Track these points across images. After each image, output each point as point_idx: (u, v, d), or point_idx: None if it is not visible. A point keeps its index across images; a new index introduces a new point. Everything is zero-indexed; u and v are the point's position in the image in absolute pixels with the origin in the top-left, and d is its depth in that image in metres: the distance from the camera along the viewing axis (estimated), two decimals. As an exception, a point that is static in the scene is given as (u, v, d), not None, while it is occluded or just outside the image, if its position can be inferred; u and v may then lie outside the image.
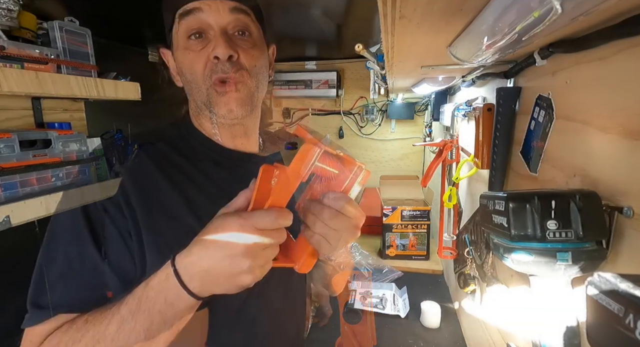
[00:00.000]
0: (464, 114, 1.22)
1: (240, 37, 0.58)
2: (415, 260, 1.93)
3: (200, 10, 0.55)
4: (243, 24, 0.58)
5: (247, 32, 0.59)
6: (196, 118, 0.65)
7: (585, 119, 0.53)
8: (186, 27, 0.56)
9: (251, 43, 0.59)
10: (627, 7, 0.40)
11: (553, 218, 0.45)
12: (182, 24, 0.57)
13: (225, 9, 0.56)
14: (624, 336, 0.25)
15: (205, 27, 0.56)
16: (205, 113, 0.60)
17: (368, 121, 2.50)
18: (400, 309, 1.49)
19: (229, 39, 0.56)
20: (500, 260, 0.52)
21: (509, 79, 0.83)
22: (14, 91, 0.98)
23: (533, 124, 0.71)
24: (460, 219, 1.33)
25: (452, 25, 0.52)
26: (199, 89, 0.58)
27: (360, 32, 1.59)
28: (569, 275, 0.48)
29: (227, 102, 0.57)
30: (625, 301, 0.26)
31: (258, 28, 0.61)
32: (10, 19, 1.05)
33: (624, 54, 0.45)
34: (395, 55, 0.76)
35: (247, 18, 0.58)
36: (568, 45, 0.54)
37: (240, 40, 0.58)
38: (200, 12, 0.55)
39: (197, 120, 0.65)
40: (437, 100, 1.73)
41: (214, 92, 0.57)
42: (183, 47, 0.57)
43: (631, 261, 0.43)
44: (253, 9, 0.60)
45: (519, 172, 0.79)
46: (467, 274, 1.18)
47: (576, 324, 0.51)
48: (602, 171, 0.49)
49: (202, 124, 0.64)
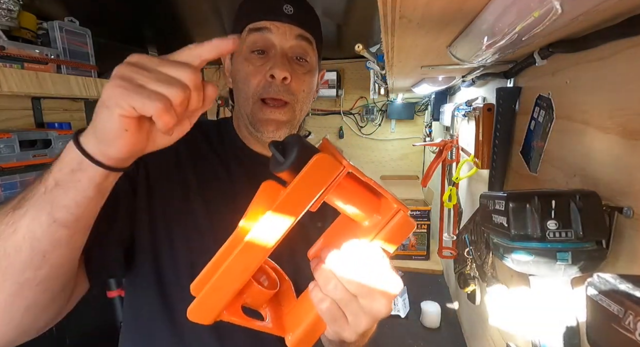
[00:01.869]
0: (464, 114, 1.22)
1: (297, 61, 0.61)
2: (415, 260, 1.93)
3: (269, 31, 0.58)
4: (303, 50, 0.61)
5: (305, 59, 0.62)
6: (236, 120, 0.68)
7: (585, 119, 0.53)
8: (252, 42, 0.59)
9: (306, 69, 0.62)
10: (627, 7, 0.40)
11: (553, 218, 0.45)
12: (250, 37, 0.59)
13: (292, 34, 0.59)
14: (623, 336, 0.25)
15: (269, 46, 0.59)
16: (246, 123, 0.62)
17: (368, 121, 2.50)
18: (400, 309, 1.49)
19: (287, 61, 0.59)
20: (500, 260, 0.52)
21: (509, 79, 0.83)
22: (14, 91, 0.98)
23: (533, 124, 0.71)
24: (460, 219, 1.33)
25: (452, 25, 0.52)
26: (247, 100, 0.60)
27: (360, 32, 1.59)
28: (568, 275, 0.48)
29: (269, 122, 0.59)
30: (625, 301, 0.26)
31: (315, 55, 0.64)
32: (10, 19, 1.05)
33: (624, 54, 0.45)
34: (395, 55, 0.76)
35: (308, 46, 0.61)
36: (568, 45, 0.54)
37: (297, 64, 0.61)
38: (269, 32, 0.58)
39: (236, 122, 0.68)
40: (437, 100, 1.73)
41: (259, 109, 0.59)
42: (244, 58, 0.60)
43: (631, 261, 0.43)
44: (316, 38, 0.63)
45: (519, 172, 0.79)
46: (467, 274, 1.18)
47: (576, 324, 0.51)
48: (602, 171, 0.49)
49: (239, 126, 0.67)
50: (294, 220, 0.31)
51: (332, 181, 0.31)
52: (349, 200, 0.34)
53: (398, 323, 1.43)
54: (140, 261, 0.56)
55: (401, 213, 0.33)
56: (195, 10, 1.31)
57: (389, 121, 2.47)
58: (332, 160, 0.30)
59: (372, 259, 0.33)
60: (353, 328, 0.35)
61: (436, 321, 1.41)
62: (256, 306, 0.37)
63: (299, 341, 0.35)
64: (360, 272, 0.33)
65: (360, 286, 0.33)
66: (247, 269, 0.32)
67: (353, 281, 0.32)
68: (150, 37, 1.78)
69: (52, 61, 1.15)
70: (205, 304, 0.32)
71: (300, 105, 0.62)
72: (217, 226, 0.45)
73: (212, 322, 0.33)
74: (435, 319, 1.41)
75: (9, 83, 0.96)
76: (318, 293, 0.34)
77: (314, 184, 0.30)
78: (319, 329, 0.35)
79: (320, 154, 0.30)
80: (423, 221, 1.89)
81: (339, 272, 0.33)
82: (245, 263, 0.31)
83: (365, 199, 0.34)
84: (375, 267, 0.33)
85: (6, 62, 1.02)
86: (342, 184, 0.32)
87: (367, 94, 2.42)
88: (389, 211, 0.33)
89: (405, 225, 0.33)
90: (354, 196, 0.33)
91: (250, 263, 0.32)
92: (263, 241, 0.31)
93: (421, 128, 2.41)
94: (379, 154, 2.55)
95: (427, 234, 1.92)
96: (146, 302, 0.57)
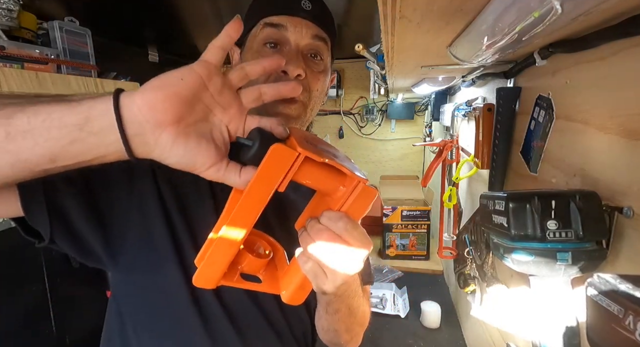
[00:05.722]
0: (464, 114, 1.22)
1: (312, 59, 0.60)
2: (415, 260, 1.93)
3: (284, 28, 0.57)
4: (318, 49, 0.60)
5: (320, 57, 0.60)
6: None
7: (585, 119, 0.53)
8: (266, 36, 0.58)
9: (320, 67, 0.61)
10: (627, 7, 0.40)
11: (553, 218, 0.45)
12: (264, 32, 0.58)
13: (309, 33, 0.58)
14: (623, 336, 0.25)
15: (283, 41, 0.58)
16: None
17: (368, 121, 2.50)
18: (400, 309, 1.49)
19: (302, 59, 0.57)
20: (500, 260, 0.52)
21: (509, 79, 0.83)
22: (14, 91, 0.98)
23: (533, 124, 0.71)
24: (460, 219, 1.33)
25: (452, 25, 0.52)
26: None
27: (360, 32, 1.59)
28: (568, 275, 0.48)
29: (279, 115, 0.57)
30: (625, 302, 0.26)
31: (329, 56, 0.63)
32: (10, 19, 1.05)
33: (624, 54, 0.45)
34: (395, 55, 0.76)
35: (324, 45, 0.60)
36: (568, 45, 0.54)
37: (311, 62, 0.59)
38: (284, 29, 0.57)
39: None
40: (437, 100, 1.73)
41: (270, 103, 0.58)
42: (256, 51, 0.59)
43: (631, 261, 0.43)
44: (331, 39, 0.62)
45: (519, 172, 0.79)
46: (467, 274, 1.18)
47: (576, 324, 0.51)
48: (602, 171, 0.49)
49: None
50: (266, 200, 0.38)
51: (291, 166, 0.37)
52: (314, 179, 0.40)
53: (398, 323, 1.43)
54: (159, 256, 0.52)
55: (361, 184, 0.39)
56: (196, 11, 1.31)
57: (389, 121, 2.47)
58: (286, 149, 0.36)
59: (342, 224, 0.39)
60: (331, 282, 0.41)
61: (436, 321, 1.41)
62: (253, 272, 0.45)
63: (291, 296, 0.43)
64: (333, 236, 0.39)
65: (333, 246, 0.39)
66: (233, 244, 0.39)
67: (327, 243, 0.39)
68: (151, 37, 1.78)
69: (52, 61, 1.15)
70: (205, 272, 0.40)
71: (312, 103, 0.61)
72: None
73: (215, 286, 0.41)
74: (435, 319, 1.41)
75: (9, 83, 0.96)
76: (302, 256, 0.41)
77: (275, 170, 0.37)
78: (306, 286, 0.43)
79: (276, 144, 0.36)
80: (423, 221, 1.89)
81: (316, 237, 0.39)
82: (231, 239, 0.39)
83: (329, 176, 0.40)
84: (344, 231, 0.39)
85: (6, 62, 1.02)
86: (304, 166, 0.38)
87: (367, 94, 2.42)
88: (350, 183, 0.40)
89: (366, 193, 0.40)
90: (317, 175, 0.39)
91: (234, 239, 0.39)
92: (242, 220, 0.38)
93: (421, 128, 2.41)
94: (379, 154, 2.55)
95: (427, 234, 1.92)
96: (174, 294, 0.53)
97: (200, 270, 0.40)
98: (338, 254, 0.40)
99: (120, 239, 0.52)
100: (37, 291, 1.28)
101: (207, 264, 0.40)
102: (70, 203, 0.48)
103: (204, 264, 0.40)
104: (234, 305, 0.55)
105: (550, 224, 0.45)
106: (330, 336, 0.64)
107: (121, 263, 0.53)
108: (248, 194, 0.37)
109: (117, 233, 0.51)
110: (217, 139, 0.38)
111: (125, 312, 0.56)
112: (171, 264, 0.52)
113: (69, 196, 0.48)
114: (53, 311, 1.31)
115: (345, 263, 0.40)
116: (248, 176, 0.37)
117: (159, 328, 0.54)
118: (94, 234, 0.50)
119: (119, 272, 0.55)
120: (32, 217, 0.46)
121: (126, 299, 0.57)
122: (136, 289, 0.55)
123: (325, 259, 0.40)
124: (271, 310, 0.58)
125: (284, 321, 0.59)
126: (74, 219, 0.48)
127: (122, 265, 0.53)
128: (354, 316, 0.62)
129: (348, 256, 0.40)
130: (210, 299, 0.53)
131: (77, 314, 1.40)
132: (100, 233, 0.50)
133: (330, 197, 0.42)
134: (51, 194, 0.46)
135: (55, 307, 1.32)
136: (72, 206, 0.48)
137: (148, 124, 0.33)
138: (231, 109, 0.38)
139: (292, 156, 0.36)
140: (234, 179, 0.38)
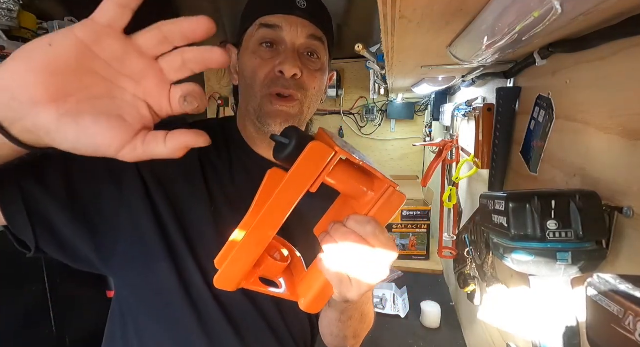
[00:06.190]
0: (464, 114, 1.22)
1: (308, 58, 0.60)
2: (415, 260, 1.93)
3: (280, 28, 0.57)
4: (315, 48, 0.60)
5: (316, 55, 0.60)
6: (242, 119, 0.65)
7: (585, 119, 0.53)
8: (262, 36, 0.58)
9: (317, 66, 0.61)
10: (627, 7, 0.40)
11: (553, 218, 0.45)
12: (260, 32, 0.58)
13: (304, 33, 0.58)
14: (623, 336, 0.25)
15: (279, 41, 0.58)
16: (252, 118, 0.60)
17: (368, 121, 2.50)
18: (400, 309, 1.49)
19: (298, 57, 0.57)
20: (500, 260, 0.52)
21: (509, 79, 0.83)
22: (14, 91, 0.98)
23: (533, 124, 0.71)
24: (460, 219, 1.33)
25: (452, 25, 0.52)
26: (254, 94, 0.58)
27: (360, 32, 1.59)
28: (568, 275, 0.48)
29: (278, 113, 0.58)
30: (625, 302, 0.26)
31: (326, 54, 0.63)
32: (10, 19, 1.05)
33: (624, 54, 0.45)
34: (395, 55, 0.76)
35: (320, 45, 0.60)
36: (568, 45, 0.54)
37: (308, 60, 0.59)
38: (280, 30, 0.57)
39: (242, 122, 0.65)
40: (437, 100, 1.73)
41: (268, 102, 0.58)
42: (252, 51, 0.59)
43: (631, 261, 0.43)
44: (328, 37, 0.62)
45: (519, 172, 0.79)
46: (467, 274, 1.18)
47: (576, 324, 0.51)
48: (602, 171, 0.49)
49: (246, 127, 0.64)
50: (296, 201, 0.36)
51: (326, 165, 0.35)
52: (345, 181, 0.38)
53: (398, 323, 1.43)
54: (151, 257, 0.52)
55: (391, 189, 0.39)
56: (196, 11, 1.31)
57: (389, 121, 2.47)
58: (324, 147, 0.35)
59: (370, 228, 0.38)
60: (356, 290, 0.40)
61: (436, 321, 1.41)
62: (272, 276, 0.44)
63: (310, 303, 0.41)
64: (360, 240, 0.37)
65: (361, 252, 0.37)
66: (259, 244, 0.37)
67: (355, 249, 0.37)
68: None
69: (52, 61, 1.15)
70: (228, 274, 0.39)
71: (309, 102, 0.60)
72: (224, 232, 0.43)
73: (235, 289, 0.39)
74: (435, 319, 1.41)
75: (9, 83, 0.95)
76: (326, 261, 0.39)
77: (310, 168, 0.35)
78: (327, 294, 0.41)
79: (314, 142, 0.35)
80: (423, 221, 1.89)
81: (342, 240, 0.38)
82: (257, 240, 0.37)
83: (359, 179, 0.39)
84: (372, 236, 0.38)
85: (6, 62, 1.01)
86: (336, 167, 0.36)
87: (367, 94, 2.42)
88: (381, 187, 0.39)
89: (396, 198, 0.39)
90: (348, 177, 0.38)
91: (261, 239, 0.37)
92: (271, 220, 0.37)
93: (421, 128, 2.41)
94: (379, 154, 2.55)
95: (427, 234, 1.92)
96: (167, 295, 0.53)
97: (223, 271, 0.38)
98: (365, 260, 0.38)
99: (111, 243, 0.50)
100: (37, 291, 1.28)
101: (230, 265, 0.38)
102: (53, 210, 0.46)
103: (227, 265, 0.38)
104: (232, 307, 0.55)
105: (550, 224, 0.45)
106: (337, 342, 0.63)
107: (114, 266, 0.52)
108: (280, 194, 0.35)
109: (106, 237, 0.50)
110: (130, 116, 0.30)
111: (127, 312, 0.56)
112: (163, 264, 0.51)
113: (50, 202, 0.46)
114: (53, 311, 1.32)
115: (372, 269, 0.39)
116: (175, 141, 0.30)
117: (158, 329, 0.54)
118: (81, 240, 0.48)
119: (114, 275, 0.55)
120: (15, 226, 0.44)
121: (126, 300, 0.57)
122: (133, 290, 0.55)
123: (351, 264, 0.38)
124: (269, 311, 0.57)
125: (282, 322, 0.59)
126: (59, 226, 0.47)
127: (115, 267, 0.52)
128: (364, 322, 0.61)
129: (376, 261, 0.38)
130: (208, 300, 0.53)
131: (77, 314, 1.40)
132: (88, 238, 0.49)
133: (356, 201, 0.40)
134: (31, 202, 0.45)
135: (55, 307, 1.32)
136: (55, 213, 0.46)
137: (20, 104, 0.27)
138: (146, 81, 0.30)
139: (328, 155, 0.35)
140: (160, 150, 0.30)
